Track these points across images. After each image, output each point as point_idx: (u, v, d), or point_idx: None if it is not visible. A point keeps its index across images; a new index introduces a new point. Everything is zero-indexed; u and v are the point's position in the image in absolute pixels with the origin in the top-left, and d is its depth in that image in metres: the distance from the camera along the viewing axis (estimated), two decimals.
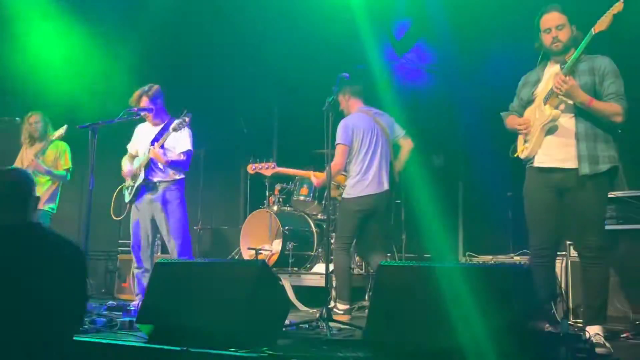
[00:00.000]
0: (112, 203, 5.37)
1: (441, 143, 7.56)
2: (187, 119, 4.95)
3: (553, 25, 3.58)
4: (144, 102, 5.16)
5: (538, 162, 3.62)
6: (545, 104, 3.58)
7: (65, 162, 5.91)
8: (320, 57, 7.57)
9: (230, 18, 8.36)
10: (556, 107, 3.55)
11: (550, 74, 3.62)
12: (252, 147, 7.85)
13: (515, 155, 3.80)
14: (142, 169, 5.08)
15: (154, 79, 5.51)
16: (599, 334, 3.32)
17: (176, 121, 4.97)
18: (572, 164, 3.51)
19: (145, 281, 5.04)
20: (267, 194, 7.06)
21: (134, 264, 5.20)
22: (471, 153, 7.07)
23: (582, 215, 3.52)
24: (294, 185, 6.75)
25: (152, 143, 5.08)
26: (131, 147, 5.41)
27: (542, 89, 3.66)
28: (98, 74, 7.68)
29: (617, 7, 3.34)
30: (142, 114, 5.11)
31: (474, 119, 6.53)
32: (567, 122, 3.55)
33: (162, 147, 5.00)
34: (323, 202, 6.31)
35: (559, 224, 3.64)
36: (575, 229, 3.60)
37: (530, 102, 3.73)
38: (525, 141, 3.71)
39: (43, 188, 5.76)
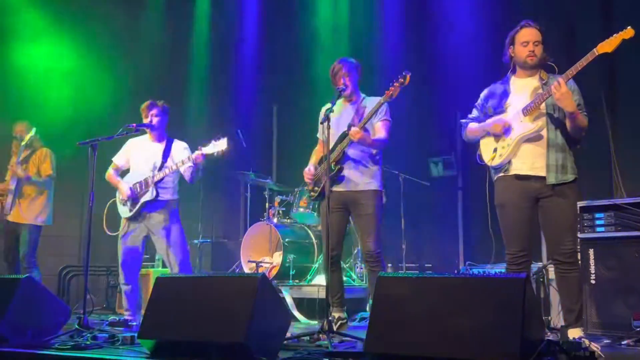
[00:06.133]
0: (104, 217, 5.24)
1: (440, 151, 7.58)
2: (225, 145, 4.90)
3: (531, 40, 3.75)
4: (155, 111, 5.13)
5: (515, 170, 3.72)
6: (525, 115, 3.71)
7: (47, 169, 5.80)
8: (318, 69, 7.63)
9: (230, 32, 8.45)
10: (534, 119, 3.69)
11: (529, 88, 3.76)
12: (252, 160, 7.88)
13: (486, 162, 3.87)
14: (152, 186, 5.02)
15: (153, 93, 5.53)
16: (583, 337, 3.42)
17: (213, 144, 4.91)
18: (544, 171, 3.66)
19: (132, 297, 5.06)
20: (266, 207, 7.08)
21: (121, 280, 5.11)
22: (470, 161, 7.10)
23: (558, 222, 3.66)
24: (294, 197, 6.77)
25: (164, 159, 5.06)
26: (120, 160, 5.28)
27: (517, 101, 3.78)
28: (98, 89, 7.75)
29: (629, 33, 3.42)
30: (142, 129, 5.10)
31: None
32: (541, 131, 3.70)
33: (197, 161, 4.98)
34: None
35: (533, 232, 3.78)
36: (551, 235, 3.72)
37: (500, 112, 3.84)
38: (494, 149, 3.82)
39: (30, 200, 5.74)
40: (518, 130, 3.71)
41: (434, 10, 7.37)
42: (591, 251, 4.39)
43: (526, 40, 3.75)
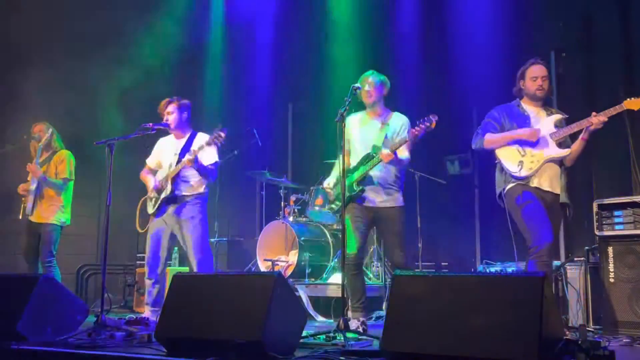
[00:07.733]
0: (137, 215, 5.25)
1: (456, 149, 7.54)
2: (222, 135, 4.85)
3: (540, 75, 4.26)
4: (170, 108, 5.16)
5: (537, 184, 4.13)
6: (553, 139, 4.15)
7: (62, 172, 5.81)
8: (334, 67, 7.63)
9: (245, 30, 8.46)
10: (558, 144, 4.15)
11: (550, 117, 4.22)
12: (267, 159, 7.90)
13: (513, 172, 4.18)
14: (169, 182, 5.03)
15: (171, 92, 5.54)
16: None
17: (212, 136, 4.88)
18: (558, 190, 4.17)
19: (154, 292, 5.06)
20: (282, 205, 7.08)
21: (146, 275, 5.13)
22: (486, 159, 7.05)
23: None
24: (309, 196, 6.77)
25: (182, 155, 5.05)
26: (151, 161, 5.35)
27: (542, 124, 4.20)
28: (114, 90, 7.80)
29: None
30: (158, 128, 5.11)
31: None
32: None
33: (196, 160, 4.93)
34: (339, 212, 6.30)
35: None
36: None
37: None
38: (520, 162, 4.16)
39: (50, 200, 5.78)
40: (548, 151, 4.13)
41: (449, 8, 7.33)
42: (610, 249, 4.34)
43: (535, 75, 4.25)
